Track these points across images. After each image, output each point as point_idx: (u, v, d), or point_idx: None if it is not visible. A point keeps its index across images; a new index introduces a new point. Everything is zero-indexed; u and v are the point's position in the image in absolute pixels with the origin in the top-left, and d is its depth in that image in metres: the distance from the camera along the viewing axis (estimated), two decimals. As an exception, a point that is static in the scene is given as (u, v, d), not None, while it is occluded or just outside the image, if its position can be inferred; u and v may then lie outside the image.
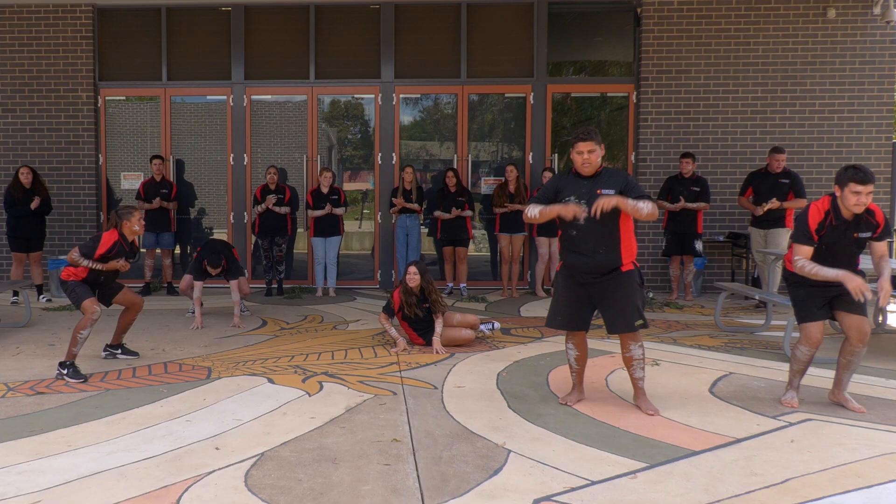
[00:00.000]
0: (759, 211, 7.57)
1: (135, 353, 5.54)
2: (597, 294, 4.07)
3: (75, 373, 4.86)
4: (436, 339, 5.72)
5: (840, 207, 4.06)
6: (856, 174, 3.97)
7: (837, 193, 4.06)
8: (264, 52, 9.41)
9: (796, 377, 4.35)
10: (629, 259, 4.02)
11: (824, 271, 4.02)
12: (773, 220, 7.60)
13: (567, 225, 4.02)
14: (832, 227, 4.06)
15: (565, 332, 4.24)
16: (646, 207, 3.79)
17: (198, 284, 6.79)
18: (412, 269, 5.77)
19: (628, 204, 3.80)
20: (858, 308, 4.09)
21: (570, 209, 3.86)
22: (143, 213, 8.71)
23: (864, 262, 5.74)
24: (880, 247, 4.13)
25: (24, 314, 6.97)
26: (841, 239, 4.08)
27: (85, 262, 5.05)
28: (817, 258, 4.10)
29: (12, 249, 8.09)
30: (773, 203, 7.45)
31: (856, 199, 3.96)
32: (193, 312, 6.85)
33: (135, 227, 5.17)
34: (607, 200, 3.77)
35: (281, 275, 8.76)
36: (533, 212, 4.00)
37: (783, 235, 7.58)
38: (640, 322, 4.02)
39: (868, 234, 4.08)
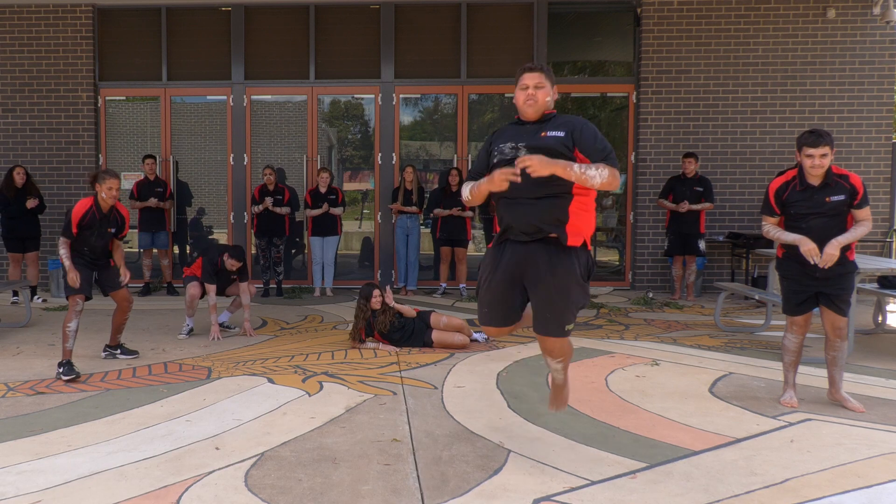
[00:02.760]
0: None
1: (134, 353, 5.54)
2: (529, 270, 3.07)
3: (68, 370, 4.87)
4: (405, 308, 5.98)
5: (805, 173, 4.04)
6: (808, 137, 3.94)
7: (797, 159, 4.10)
8: (264, 52, 9.42)
9: (790, 371, 4.36)
10: (578, 233, 3.04)
11: (785, 235, 4.09)
12: None
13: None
14: (797, 192, 4.06)
15: (493, 329, 3.29)
16: (598, 176, 2.84)
17: (213, 288, 6.23)
18: (376, 291, 5.86)
19: (572, 171, 2.83)
20: (836, 307, 4.12)
21: (497, 177, 2.88)
22: (138, 213, 8.75)
23: (861, 262, 5.74)
24: (860, 213, 4.04)
25: (24, 314, 6.97)
26: (809, 203, 4.03)
27: (63, 252, 5.00)
28: (791, 226, 4.12)
29: (8, 250, 8.08)
30: None
31: (810, 161, 3.93)
32: (187, 334, 6.34)
33: (102, 192, 4.99)
34: (541, 163, 2.78)
35: (279, 275, 8.76)
36: (465, 192, 3.18)
37: None
38: (571, 326, 3.12)
39: (841, 198, 3.98)
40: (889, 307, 7.26)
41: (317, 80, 9.39)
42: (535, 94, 3.11)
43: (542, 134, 3.04)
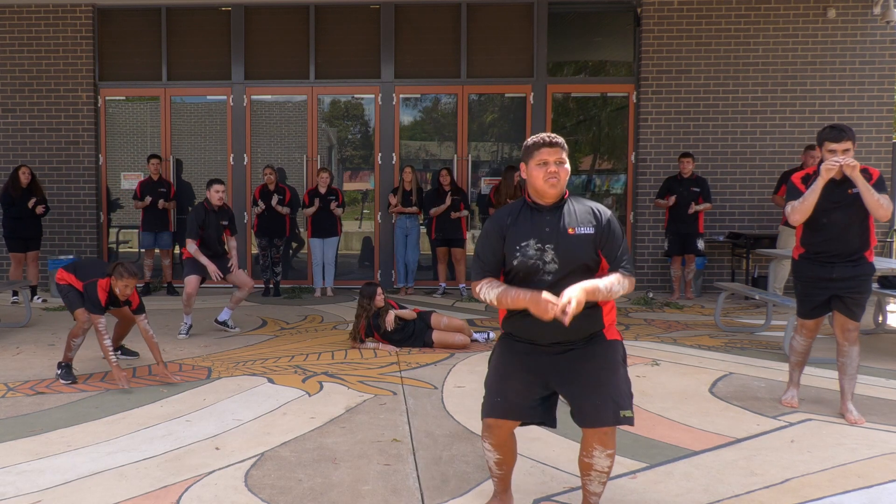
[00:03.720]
0: None
1: (134, 353, 5.54)
2: (563, 367, 2.66)
3: (66, 374, 4.88)
4: (403, 312, 5.95)
5: None
6: (830, 132, 3.86)
7: (818, 155, 4.03)
8: (264, 52, 9.41)
9: (795, 370, 4.33)
10: (611, 321, 2.77)
11: (803, 200, 3.95)
12: None
13: (523, 283, 2.61)
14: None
15: (491, 420, 2.73)
16: (621, 290, 2.61)
17: (195, 243, 6.31)
18: (379, 290, 5.86)
19: (602, 292, 2.54)
20: (848, 309, 4.02)
21: (545, 308, 2.44)
22: (141, 213, 8.76)
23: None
24: (880, 198, 3.93)
25: (24, 314, 6.97)
26: (831, 197, 3.92)
27: (102, 327, 4.77)
28: (813, 221, 3.99)
29: (10, 250, 8.07)
30: None
31: (832, 157, 3.85)
32: (186, 333, 6.34)
33: (116, 288, 4.75)
34: (581, 301, 2.44)
35: (278, 276, 8.76)
36: (488, 295, 2.63)
37: None
38: (629, 413, 2.60)
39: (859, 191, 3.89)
40: (889, 307, 7.26)
41: (317, 80, 9.39)
42: (557, 172, 2.61)
43: (571, 231, 2.60)
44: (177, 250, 9.46)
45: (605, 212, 2.69)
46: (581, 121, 9.59)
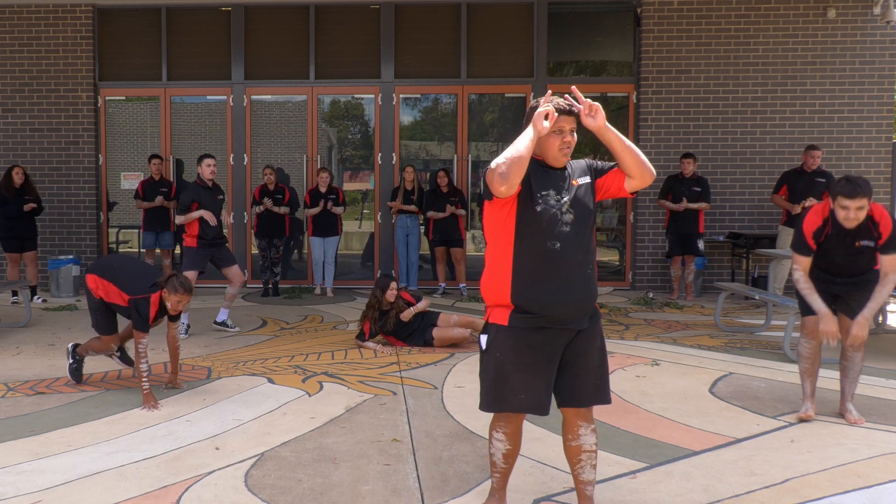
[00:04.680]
0: (797, 209, 7.57)
1: (130, 363, 5.13)
2: (570, 350, 2.65)
3: (75, 371, 4.79)
4: (410, 311, 5.87)
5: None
6: (844, 187, 3.60)
7: (829, 205, 3.83)
8: (264, 52, 9.41)
9: (807, 381, 4.09)
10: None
11: (813, 299, 3.83)
12: None
13: (541, 235, 2.58)
14: (829, 236, 3.81)
15: (504, 414, 2.71)
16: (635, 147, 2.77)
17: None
18: (392, 283, 5.82)
19: (625, 142, 2.75)
20: (852, 312, 3.95)
21: (539, 117, 2.54)
22: (142, 213, 8.77)
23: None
24: (886, 261, 3.72)
25: (24, 314, 6.97)
26: (840, 247, 3.80)
27: (143, 346, 4.36)
28: (816, 265, 3.94)
29: (6, 250, 8.07)
30: (812, 202, 7.46)
31: (844, 213, 3.63)
32: (185, 333, 6.26)
33: (168, 302, 4.34)
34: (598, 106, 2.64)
35: (277, 276, 8.76)
36: (503, 156, 2.51)
37: None
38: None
39: (871, 244, 3.74)
40: (889, 307, 7.26)
41: (317, 80, 9.39)
42: (571, 141, 2.66)
43: (574, 183, 2.69)
44: (178, 250, 9.47)
45: (592, 161, 2.83)
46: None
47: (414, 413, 4.16)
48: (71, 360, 4.82)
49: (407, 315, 5.82)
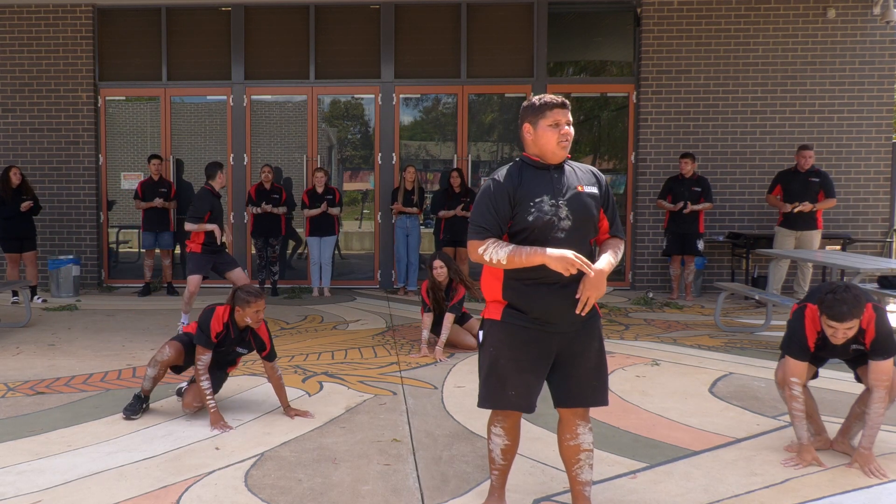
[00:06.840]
0: (789, 208, 7.64)
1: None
2: (565, 350, 2.64)
3: (131, 406, 4.13)
4: (438, 349, 5.56)
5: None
6: (830, 309, 3.17)
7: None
8: (264, 52, 9.41)
9: (802, 423, 3.49)
10: None
11: (799, 425, 3.43)
12: (806, 220, 7.70)
13: (534, 243, 2.55)
14: (821, 346, 3.43)
15: (501, 411, 2.73)
16: (620, 253, 2.73)
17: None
18: (437, 262, 5.61)
19: (613, 264, 2.65)
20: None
21: (570, 262, 2.45)
22: (142, 213, 8.77)
23: (861, 262, 5.73)
24: (876, 368, 3.28)
25: (24, 314, 6.97)
26: (834, 351, 3.44)
27: (203, 364, 3.97)
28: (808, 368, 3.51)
29: (5, 251, 8.08)
30: (805, 206, 7.52)
31: (831, 331, 3.22)
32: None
33: (246, 318, 3.97)
34: (605, 268, 2.56)
35: (275, 276, 8.76)
36: (496, 254, 2.52)
37: (816, 237, 7.75)
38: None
39: (862, 348, 3.37)
40: (889, 307, 7.26)
41: (317, 80, 9.39)
42: (568, 133, 2.61)
43: (579, 188, 2.62)
44: (177, 250, 9.47)
45: (601, 174, 2.78)
46: (581, 121, 9.59)
47: (414, 413, 4.16)
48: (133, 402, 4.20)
49: (439, 353, 5.55)
